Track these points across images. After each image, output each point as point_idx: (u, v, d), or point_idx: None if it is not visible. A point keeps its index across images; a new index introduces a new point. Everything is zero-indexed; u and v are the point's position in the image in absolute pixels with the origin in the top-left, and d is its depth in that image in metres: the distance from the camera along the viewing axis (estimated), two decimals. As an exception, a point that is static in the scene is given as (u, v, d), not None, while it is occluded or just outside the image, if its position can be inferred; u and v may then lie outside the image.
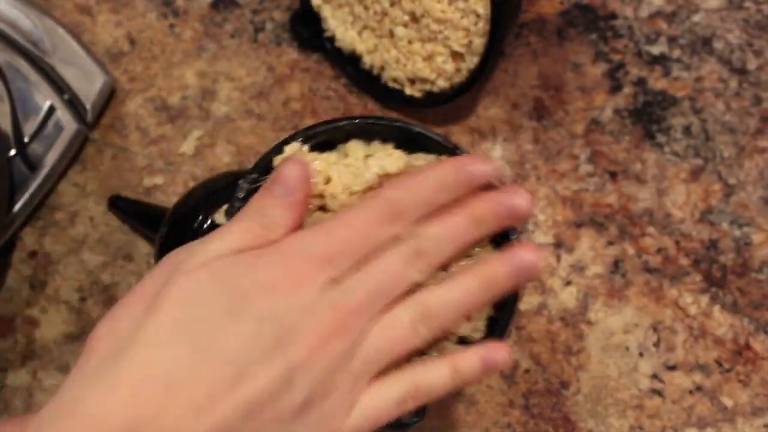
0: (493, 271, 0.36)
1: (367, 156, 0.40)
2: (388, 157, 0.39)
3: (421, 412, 0.37)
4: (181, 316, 0.32)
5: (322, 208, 0.38)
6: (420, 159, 0.40)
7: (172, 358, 0.31)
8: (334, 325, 0.33)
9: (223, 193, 0.46)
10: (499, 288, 0.36)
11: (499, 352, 0.36)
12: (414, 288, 0.35)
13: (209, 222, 0.44)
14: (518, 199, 0.37)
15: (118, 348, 0.32)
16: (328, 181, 0.38)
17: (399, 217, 0.35)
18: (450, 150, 0.39)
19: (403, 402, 0.35)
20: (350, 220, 0.35)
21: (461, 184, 0.36)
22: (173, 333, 0.32)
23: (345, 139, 0.40)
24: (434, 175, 0.36)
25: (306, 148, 0.39)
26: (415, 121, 0.41)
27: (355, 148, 0.40)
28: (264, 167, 0.39)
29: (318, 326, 0.32)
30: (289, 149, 0.39)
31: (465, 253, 0.37)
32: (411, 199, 0.35)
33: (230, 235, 0.34)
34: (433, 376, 0.35)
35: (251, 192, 0.39)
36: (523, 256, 0.36)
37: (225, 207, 0.39)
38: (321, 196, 0.38)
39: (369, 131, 0.40)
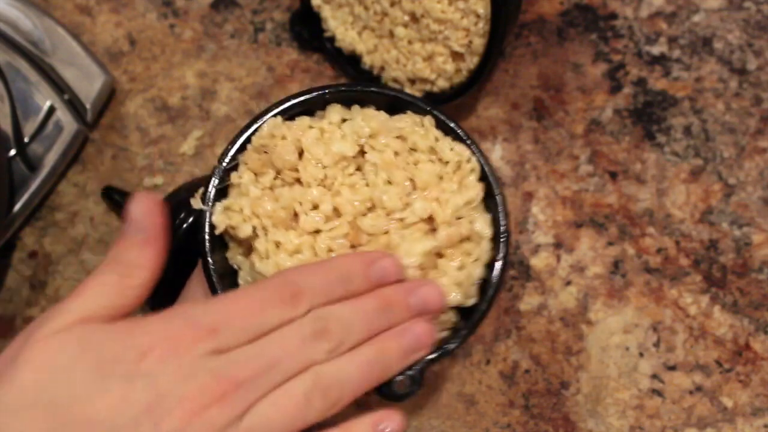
0: (387, 346, 0.35)
1: (344, 120, 0.39)
2: (363, 119, 0.39)
3: (417, 381, 0.36)
4: (38, 380, 0.30)
5: (299, 181, 0.38)
6: (402, 120, 0.39)
7: (25, 423, 0.29)
8: (215, 394, 0.30)
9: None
10: (395, 362, 0.35)
11: (391, 420, 0.34)
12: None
13: (191, 219, 0.44)
14: (429, 291, 0.36)
15: None
16: (301, 152, 0.38)
17: (298, 299, 0.33)
18: (427, 112, 0.39)
19: None
20: (244, 295, 0.33)
21: (366, 279, 0.35)
22: (29, 399, 0.29)
23: (325, 104, 0.40)
24: (341, 264, 0.35)
25: (280, 120, 0.39)
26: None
27: (333, 111, 0.40)
28: (241, 145, 0.39)
29: (195, 394, 0.30)
30: (267, 125, 0.39)
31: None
32: (312, 283, 0.34)
33: (88, 291, 0.32)
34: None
35: (227, 171, 0.38)
36: (414, 330, 0.35)
37: (200, 191, 0.38)
38: (295, 169, 0.38)
39: (347, 99, 0.40)
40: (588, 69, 0.55)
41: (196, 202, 0.38)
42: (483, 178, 0.39)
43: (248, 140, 0.39)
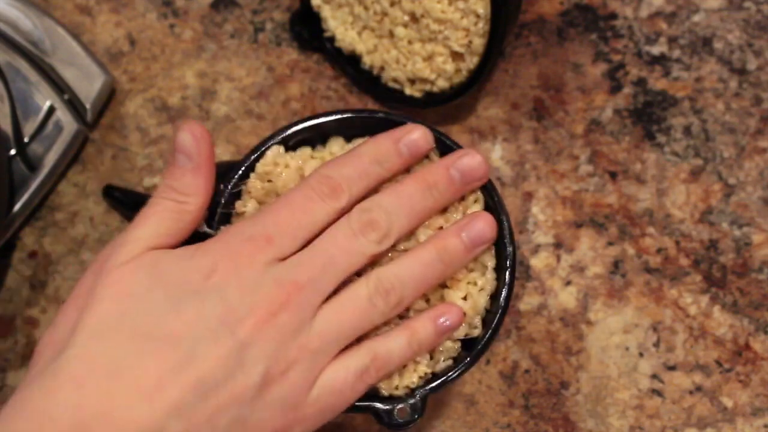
0: (447, 243, 0.36)
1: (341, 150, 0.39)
2: None
3: (419, 410, 0.37)
4: (117, 308, 0.32)
5: None
6: None
7: (113, 348, 0.31)
8: (281, 299, 0.32)
9: (216, 182, 0.45)
10: (457, 260, 0.36)
11: (450, 312, 0.36)
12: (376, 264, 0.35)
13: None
14: (469, 160, 0.37)
15: (58, 350, 0.31)
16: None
17: (338, 191, 0.34)
18: (436, 138, 0.39)
19: (364, 372, 0.34)
20: (287, 200, 0.35)
21: (398, 155, 0.36)
22: (111, 325, 0.31)
23: (326, 135, 0.40)
24: (370, 147, 0.36)
25: (282, 149, 0.39)
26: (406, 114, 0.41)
27: (334, 143, 0.40)
28: (244, 171, 0.39)
29: (263, 302, 0.32)
30: (270, 153, 0.39)
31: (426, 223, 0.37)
32: (347, 173, 0.35)
33: (149, 219, 0.34)
34: (391, 344, 0.35)
35: (232, 196, 0.39)
36: (475, 224, 0.36)
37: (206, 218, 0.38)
38: None
39: (351, 125, 0.40)
40: (588, 69, 0.55)
41: (200, 227, 0.38)
42: (488, 207, 0.39)
43: (250, 168, 0.39)
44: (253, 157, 0.39)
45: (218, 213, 0.38)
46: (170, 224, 0.34)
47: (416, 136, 0.37)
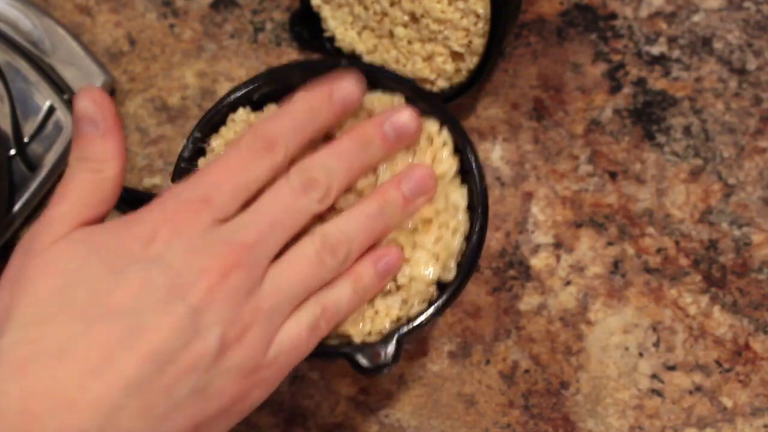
0: (388, 196, 0.36)
1: None
2: None
3: (394, 354, 0.36)
4: (53, 285, 0.30)
5: None
6: (375, 98, 0.39)
7: (54, 328, 0.29)
8: (231, 261, 0.31)
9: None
10: (399, 211, 0.36)
11: (389, 254, 0.36)
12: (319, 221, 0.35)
13: None
14: (402, 116, 0.37)
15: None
16: None
17: (273, 146, 0.34)
18: (405, 83, 0.39)
19: (316, 326, 0.34)
20: (223, 160, 0.34)
21: (332, 108, 0.36)
22: (49, 304, 0.30)
23: (292, 89, 0.39)
24: (304, 101, 0.36)
25: (248, 110, 0.39)
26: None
27: None
28: (209, 126, 0.38)
29: (213, 265, 0.31)
30: (237, 115, 0.38)
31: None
32: (281, 127, 0.35)
33: (68, 194, 0.32)
34: (337, 293, 0.35)
35: (196, 152, 0.38)
36: (414, 174, 0.36)
37: (171, 170, 0.38)
38: None
39: (317, 76, 0.39)
40: (588, 69, 0.55)
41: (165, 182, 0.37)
42: (457, 149, 0.39)
43: (218, 122, 0.38)
44: (215, 110, 0.38)
45: (179, 166, 0.37)
46: (92, 195, 0.33)
47: (346, 84, 0.36)
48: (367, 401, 0.48)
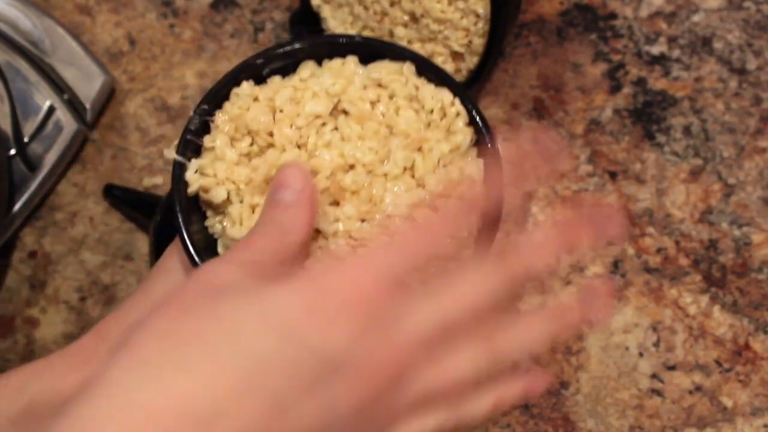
0: (567, 315, 0.34)
1: (312, 75, 0.38)
2: (330, 72, 0.37)
3: None
4: (226, 341, 0.28)
5: (272, 146, 0.37)
6: (379, 69, 0.38)
7: (220, 382, 0.27)
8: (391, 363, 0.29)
9: None
10: (572, 327, 0.34)
11: (541, 381, 0.34)
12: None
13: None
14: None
15: (172, 348, 0.28)
16: (275, 112, 0.37)
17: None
18: (414, 55, 0.38)
19: (439, 430, 0.32)
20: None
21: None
22: (221, 359, 0.28)
23: (298, 63, 0.38)
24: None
25: (252, 83, 0.38)
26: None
27: (305, 68, 0.38)
28: (215, 100, 0.38)
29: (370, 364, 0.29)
30: (241, 89, 0.37)
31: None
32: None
33: (252, 246, 0.32)
34: (476, 408, 0.33)
35: (202, 124, 0.38)
36: (595, 299, 0.34)
37: (175, 142, 0.37)
38: (270, 133, 0.36)
39: (324, 53, 0.38)
40: (588, 69, 0.55)
41: (169, 152, 0.37)
42: (472, 122, 0.38)
43: (223, 96, 0.38)
44: (223, 83, 0.38)
45: (184, 138, 0.37)
46: (271, 252, 0.32)
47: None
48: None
